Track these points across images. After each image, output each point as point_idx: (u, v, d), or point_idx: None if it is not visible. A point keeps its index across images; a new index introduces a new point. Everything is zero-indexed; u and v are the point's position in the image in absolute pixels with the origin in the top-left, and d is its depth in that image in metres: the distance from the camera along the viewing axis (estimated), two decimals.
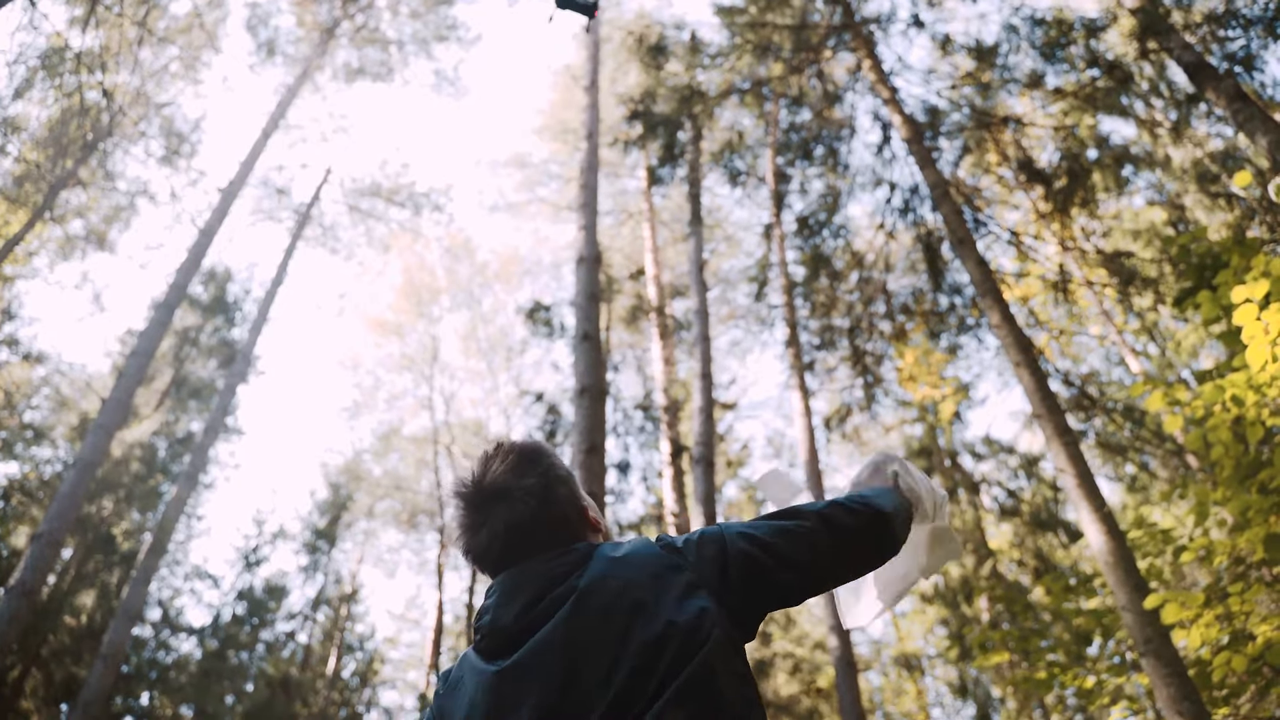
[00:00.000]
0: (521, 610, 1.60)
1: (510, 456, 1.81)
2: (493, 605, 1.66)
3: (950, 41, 14.49)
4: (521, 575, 1.67)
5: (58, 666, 18.93)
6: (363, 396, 30.47)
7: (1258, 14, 11.95)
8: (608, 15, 19.21)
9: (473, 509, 1.77)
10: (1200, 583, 14.73)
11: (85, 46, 12.30)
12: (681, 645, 1.46)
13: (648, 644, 1.47)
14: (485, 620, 1.66)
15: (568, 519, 1.80)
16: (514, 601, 1.63)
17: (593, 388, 9.43)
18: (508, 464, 1.80)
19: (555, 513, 1.78)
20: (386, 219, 26.50)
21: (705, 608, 1.54)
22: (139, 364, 15.55)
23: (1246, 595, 6.01)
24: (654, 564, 1.62)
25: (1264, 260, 5.54)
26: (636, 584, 1.57)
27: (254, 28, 23.21)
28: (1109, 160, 14.39)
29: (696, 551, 1.65)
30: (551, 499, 1.78)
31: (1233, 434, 6.03)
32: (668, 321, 19.10)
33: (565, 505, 1.81)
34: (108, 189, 20.20)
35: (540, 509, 1.75)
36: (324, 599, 27.32)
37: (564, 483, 1.84)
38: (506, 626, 1.60)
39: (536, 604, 1.60)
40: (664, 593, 1.56)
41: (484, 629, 1.65)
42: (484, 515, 1.75)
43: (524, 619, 1.59)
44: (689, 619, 1.50)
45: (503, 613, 1.63)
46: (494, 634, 1.62)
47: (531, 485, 1.77)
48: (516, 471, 1.78)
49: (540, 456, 1.84)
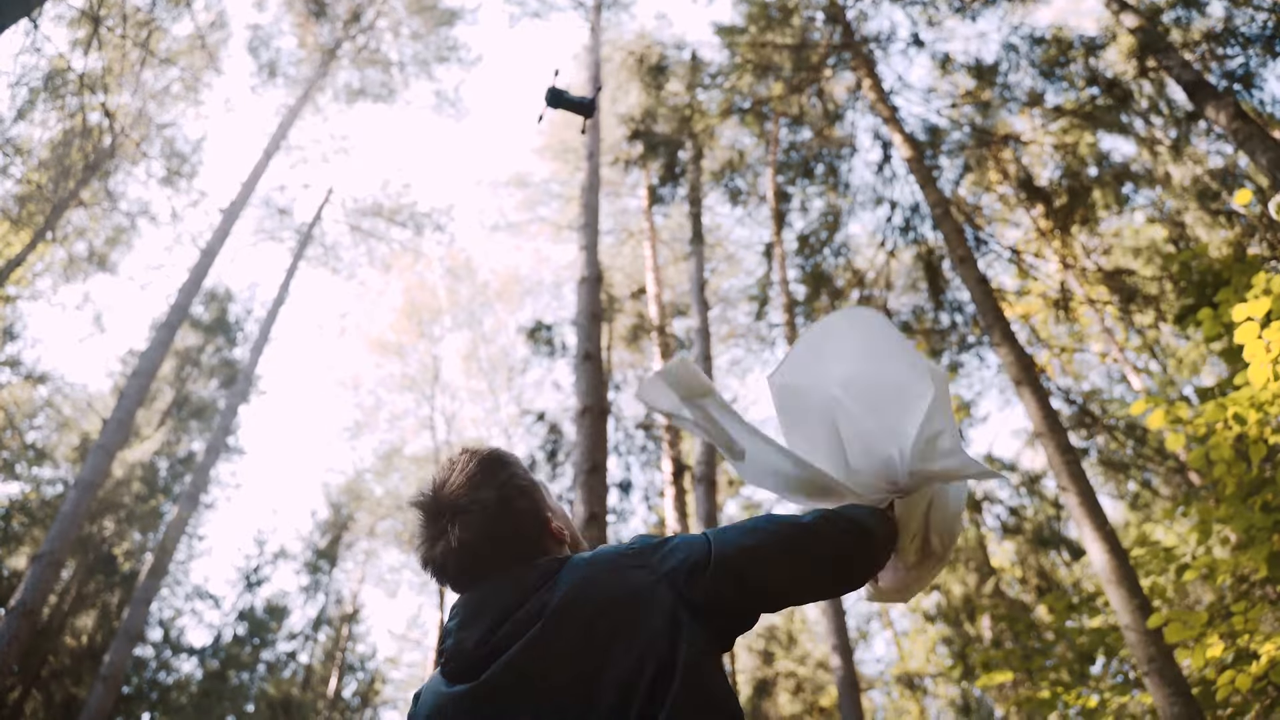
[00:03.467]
0: (484, 634, 1.56)
1: (469, 466, 1.76)
2: (454, 628, 1.62)
3: (950, 60, 14.54)
4: (482, 596, 1.63)
5: (58, 687, 18.86)
6: (364, 416, 30.50)
7: (1256, 32, 11.99)
8: (608, 35, 19.27)
9: (429, 520, 1.72)
10: (1203, 601, 14.70)
11: (87, 68, 12.35)
12: (658, 668, 1.43)
13: (626, 668, 1.44)
14: (449, 644, 1.61)
15: (526, 533, 1.74)
16: (476, 624, 1.58)
17: (594, 407, 9.42)
18: (465, 475, 1.74)
19: (512, 527, 1.72)
20: (388, 239, 26.57)
21: (679, 623, 1.50)
22: (140, 384, 15.55)
23: (1250, 614, 5.99)
24: (626, 581, 1.57)
25: (1265, 278, 5.54)
26: (609, 604, 1.53)
27: (256, 49, 23.30)
28: (1109, 178, 14.42)
29: (672, 561, 1.60)
30: (507, 513, 1.72)
31: (1235, 452, 6.02)
32: (669, 340, 19.07)
33: (524, 518, 1.75)
34: (109, 210, 20.24)
35: (495, 524, 1.70)
36: (325, 619, 27.25)
37: (524, 494, 1.77)
38: (468, 651, 1.56)
39: (499, 626, 1.55)
40: (638, 612, 1.51)
41: (448, 652, 1.60)
42: (439, 528, 1.70)
43: (486, 644, 1.54)
44: (664, 639, 1.47)
45: (465, 635, 1.58)
46: (457, 657, 1.58)
47: (487, 499, 1.71)
48: (473, 483, 1.73)
49: (499, 467, 1.78)
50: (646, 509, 18.55)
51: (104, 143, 15.07)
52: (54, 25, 15.82)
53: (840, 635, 12.99)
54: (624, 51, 17.74)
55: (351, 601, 29.81)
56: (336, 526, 28.63)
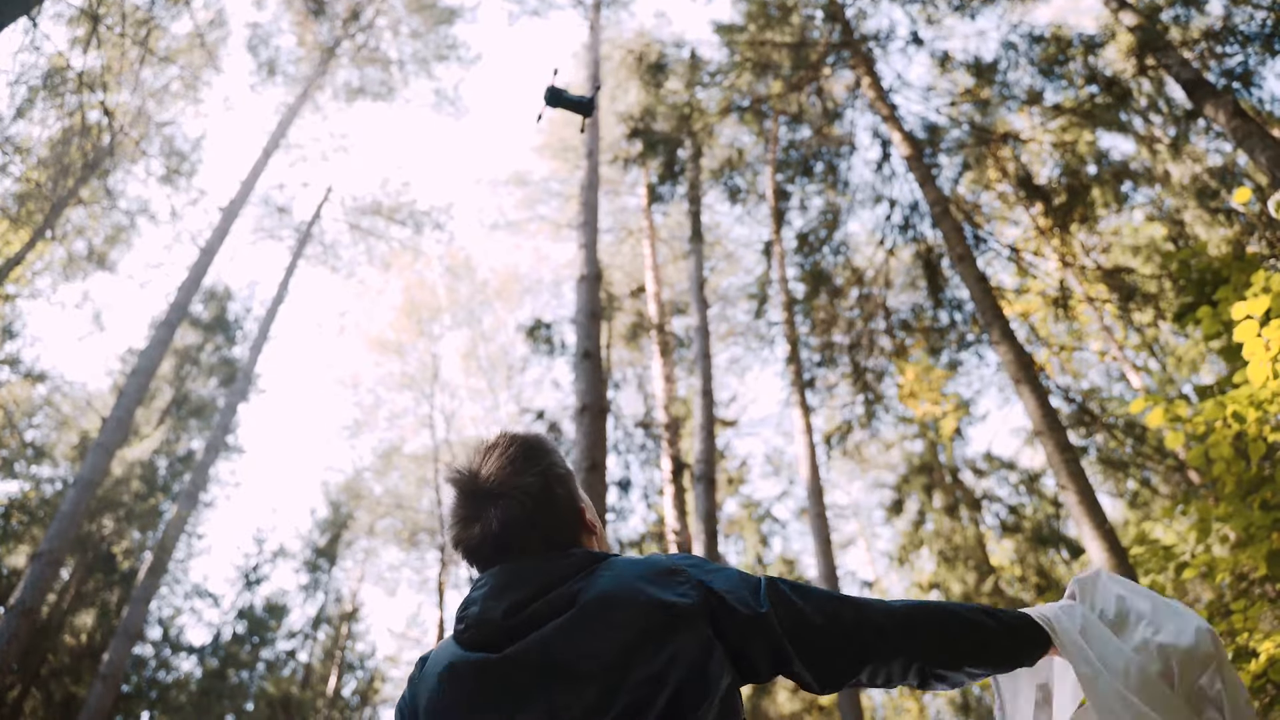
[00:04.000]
0: (513, 606, 1.56)
1: (510, 450, 1.77)
2: (480, 597, 1.62)
3: (949, 59, 14.53)
4: (516, 571, 1.64)
5: (57, 686, 18.87)
6: (363, 415, 30.45)
7: (1255, 30, 11.99)
8: (607, 34, 19.27)
9: (468, 502, 1.73)
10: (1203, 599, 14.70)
11: (87, 66, 12.34)
12: (680, 685, 1.44)
13: (648, 678, 1.44)
14: (473, 610, 1.61)
15: (565, 521, 1.77)
16: (505, 596, 1.59)
17: (593, 405, 9.42)
18: (507, 458, 1.75)
19: (552, 514, 1.74)
20: (387, 237, 26.56)
21: (710, 650, 1.52)
22: (139, 383, 15.55)
23: (1249, 612, 5.98)
24: (669, 594, 1.57)
25: (1264, 276, 5.54)
26: (647, 612, 1.53)
27: (255, 47, 23.29)
28: (1108, 176, 14.42)
29: (712, 588, 1.61)
30: (549, 500, 1.74)
31: (1234, 450, 6.02)
32: (668, 339, 19.09)
33: (563, 506, 1.77)
34: (109, 208, 20.24)
35: (537, 510, 1.71)
36: (324, 617, 27.27)
37: (563, 482, 1.79)
38: (494, 619, 1.56)
39: (530, 603, 1.56)
40: (672, 627, 1.52)
41: (470, 619, 1.60)
42: (478, 510, 1.71)
43: (515, 615, 1.55)
44: (692, 661, 1.48)
45: (492, 605, 1.59)
46: (481, 625, 1.58)
47: (530, 484, 1.72)
48: (516, 468, 1.74)
49: (541, 453, 1.79)
50: (646, 507, 18.56)
51: (103, 141, 15.05)
52: (53, 23, 15.84)
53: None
54: (623, 49, 17.74)
55: (351, 600, 29.82)
56: (336, 525, 28.63)
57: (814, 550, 14.24)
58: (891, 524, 22.63)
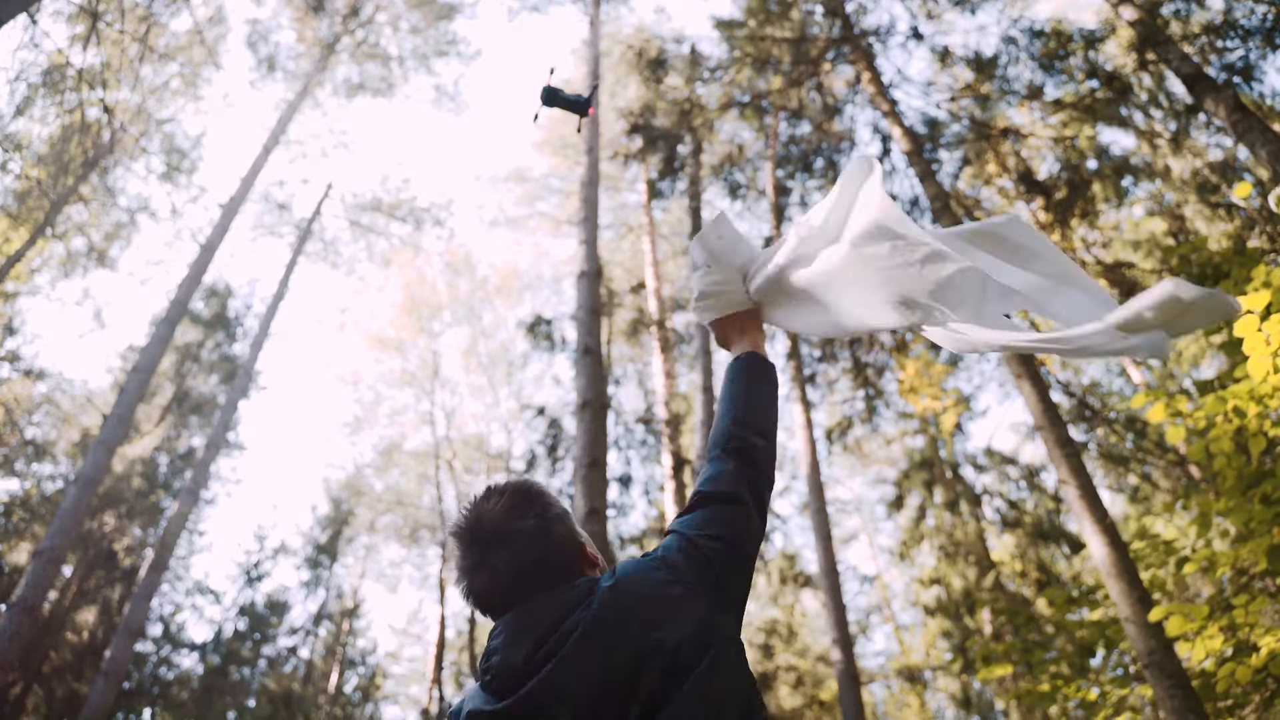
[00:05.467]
0: (532, 649, 1.60)
1: (506, 497, 1.82)
2: (500, 645, 1.66)
3: (949, 54, 14.52)
4: (528, 615, 1.67)
5: (59, 683, 18.89)
6: (364, 412, 30.47)
7: (1256, 25, 11.98)
8: (607, 29, 19.27)
9: (471, 551, 1.77)
10: (1203, 594, 14.71)
11: (86, 64, 12.33)
12: (691, 652, 1.52)
13: (660, 659, 1.50)
14: (495, 661, 1.65)
15: (567, 558, 1.81)
16: (522, 642, 1.62)
17: (594, 402, 9.42)
18: (504, 505, 1.80)
19: (555, 553, 1.79)
20: (387, 234, 26.56)
21: (704, 615, 1.61)
22: (140, 380, 15.55)
23: (1250, 607, 5.99)
24: (649, 585, 1.66)
25: (1265, 271, 5.54)
26: (638, 608, 1.61)
27: (254, 44, 23.28)
28: (1109, 171, 14.41)
29: (680, 561, 1.71)
30: (548, 539, 1.79)
31: (1235, 445, 6.02)
32: (669, 335, 19.09)
33: (563, 544, 1.82)
34: (109, 205, 20.25)
35: (540, 550, 1.76)
36: (326, 614, 27.27)
37: (561, 521, 1.84)
38: (517, 665, 1.60)
39: (544, 642, 1.60)
40: (665, 610, 1.60)
41: (493, 669, 1.64)
42: (482, 557, 1.76)
43: (534, 657, 1.59)
44: (693, 630, 1.56)
45: (512, 653, 1.62)
46: (504, 674, 1.61)
47: (530, 527, 1.77)
48: (514, 513, 1.79)
49: (536, 496, 1.85)
50: (646, 503, 18.56)
51: (103, 138, 15.06)
52: (53, 21, 15.82)
53: (840, 629, 13.00)
54: (623, 45, 17.73)
55: (352, 596, 29.87)
56: (337, 522, 28.63)
57: (815, 545, 14.24)
58: (892, 519, 22.63)
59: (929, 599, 21.19)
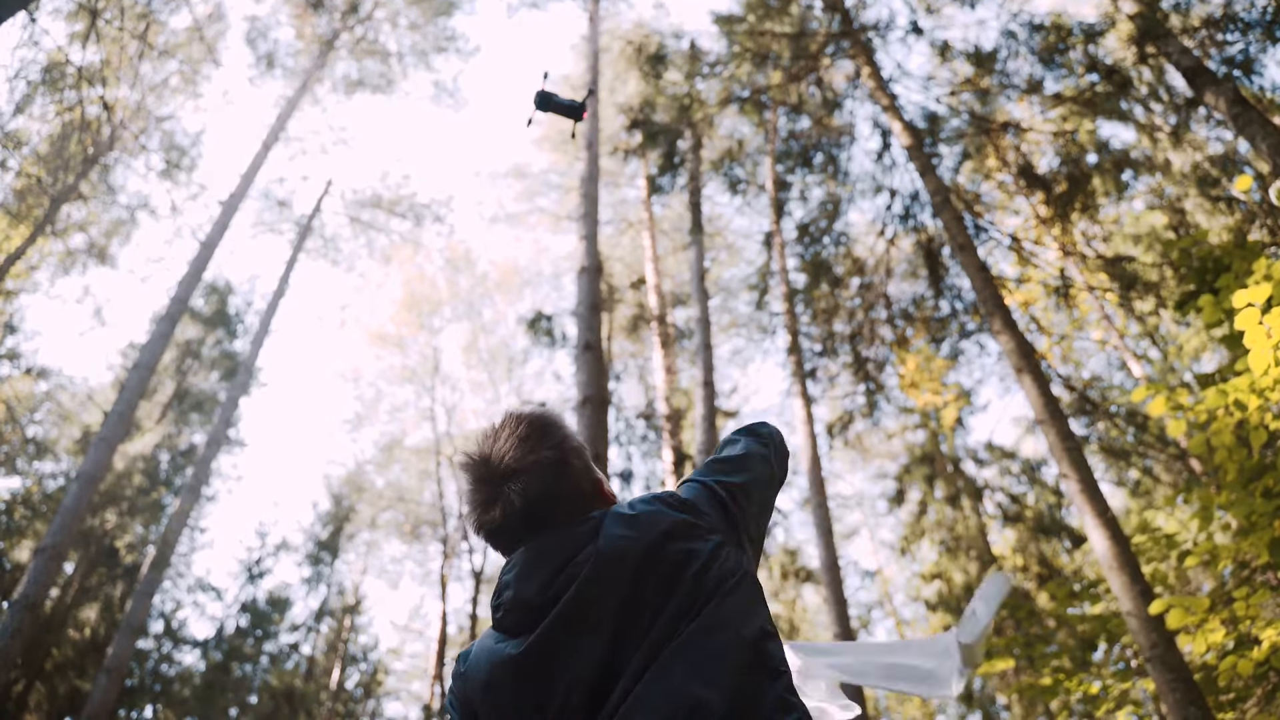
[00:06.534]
0: (545, 582, 1.59)
1: (521, 428, 1.77)
2: (513, 579, 1.64)
3: (949, 48, 14.50)
4: (541, 549, 1.65)
5: (61, 680, 18.91)
6: (364, 408, 30.46)
7: (1256, 18, 11.97)
8: (606, 25, 19.25)
9: (484, 485, 1.72)
10: (1205, 587, 14.72)
11: (86, 61, 12.33)
12: (711, 577, 1.55)
13: (679, 582, 1.52)
14: (507, 595, 1.64)
15: (583, 492, 1.78)
16: (535, 575, 1.61)
17: (595, 397, 9.42)
18: (519, 436, 1.75)
19: (571, 486, 1.75)
20: (387, 230, 26.55)
21: (721, 546, 1.63)
22: (141, 377, 15.55)
23: (1252, 600, 6.00)
24: (667, 520, 1.64)
25: (1265, 264, 5.54)
26: (655, 540, 1.59)
27: (254, 41, 23.26)
28: (1109, 165, 14.40)
29: (697, 501, 1.73)
30: (567, 473, 1.75)
31: (1236, 438, 6.02)
32: (669, 330, 19.08)
33: (580, 477, 1.79)
34: (109, 203, 20.24)
35: (556, 483, 1.72)
36: (327, 610, 27.29)
37: (578, 454, 1.80)
38: (530, 599, 1.59)
39: (559, 575, 1.58)
40: (682, 539, 1.60)
41: (505, 603, 1.63)
42: (497, 491, 1.70)
43: (548, 591, 1.57)
44: (711, 558, 1.58)
45: (524, 586, 1.61)
46: (516, 607, 1.60)
47: (546, 458, 1.73)
48: (530, 445, 1.74)
49: (553, 428, 1.80)
50: None
51: (103, 136, 15.07)
52: (52, 19, 15.82)
53: (842, 624, 13.00)
54: (622, 41, 17.72)
55: (353, 593, 29.88)
56: (338, 518, 28.65)
57: (816, 540, 14.25)
58: (893, 514, 22.64)
59: (930, 594, 21.20)
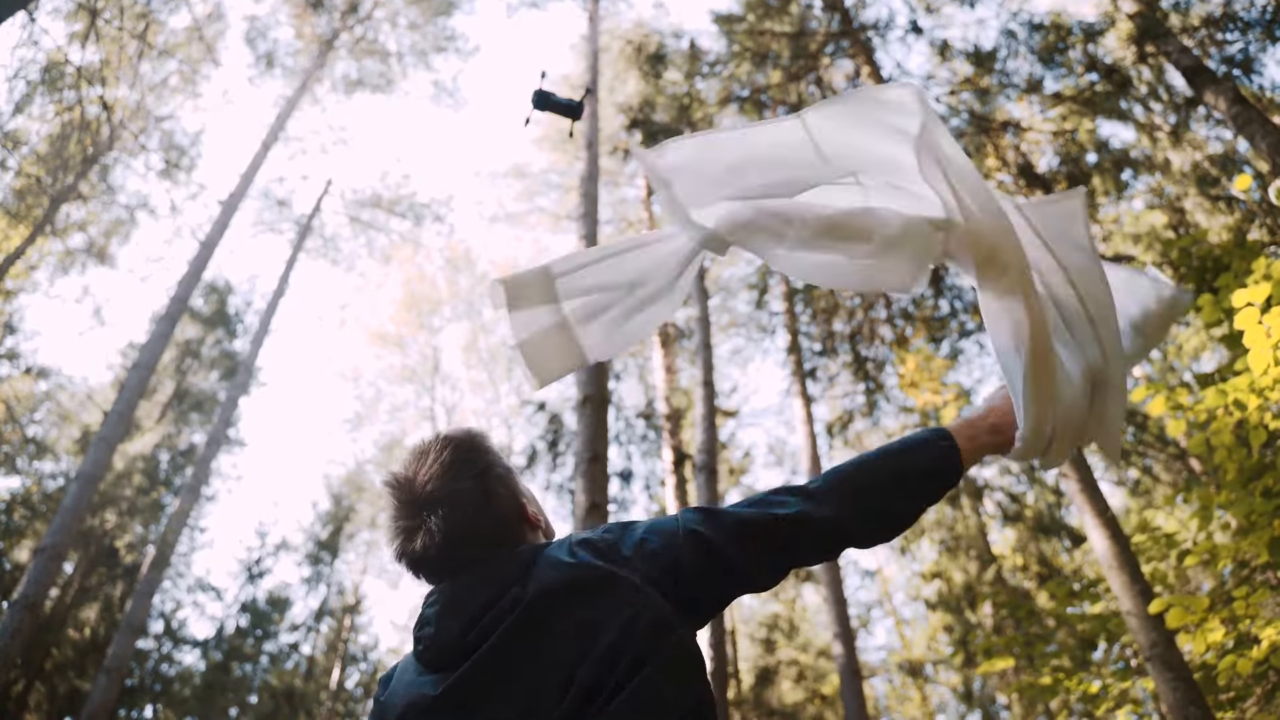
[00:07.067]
0: (467, 624, 1.51)
1: (445, 453, 1.70)
2: (434, 615, 1.58)
3: (948, 47, 14.50)
4: (463, 585, 1.58)
5: (61, 680, 18.90)
6: (364, 408, 30.50)
7: (1255, 17, 11.97)
8: (606, 24, 19.23)
9: (406, 511, 1.65)
10: (1205, 587, 14.71)
11: (85, 61, 12.34)
12: (631, 658, 1.39)
13: (597, 659, 1.39)
14: (428, 631, 1.57)
15: (507, 521, 1.70)
16: (458, 614, 1.54)
17: (595, 397, 9.41)
18: (442, 463, 1.68)
19: (494, 516, 1.67)
20: (387, 230, 26.55)
21: (650, 614, 1.46)
22: (140, 377, 15.54)
23: (1251, 599, 5.99)
24: (597, 571, 1.52)
25: (1265, 263, 5.53)
26: (582, 596, 1.49)
27: (253, 40, 23.26)
28: (1108, 164, 14.40)
29: (639, 550, 1.57)
30: (488, 502, 1.67)
31: (1236, 438, 6.02)
32: (669, 330, 19.08)
33: (504, 506, 1.70)
34: (108, 203, 20.24)
35: (477, 515, 1.64)
36: (327, 610, 27.29)
37: (502, 481, 1.73)
38: (452, 641, 1.52)
39: (482, 616, 1.51)
40: (610, 602, 1.47)
41: (426, 639, 1.56)
42: (418, 520, 1.63)
43: (467, 635, 1.50)
44: (635, 630, 1.42)
45: (446, 625, 1.54)
46: (439, 647, 1.53)
47: (469, 488, 1.66)
48: (452, 472, 1.67)
49: (477, 454, 1.72)
50: (648, 498, 18.59)
51: (102, 135, 15.06)
52: (51, 18, 15.83)
53: (842, 623, 13.02)
54: (622, 40, 17.71)
55: (353, 593, 29.86)
56: (338, 518, 28.65)
57: None
58: None
59: (930, 593, 21.22)
